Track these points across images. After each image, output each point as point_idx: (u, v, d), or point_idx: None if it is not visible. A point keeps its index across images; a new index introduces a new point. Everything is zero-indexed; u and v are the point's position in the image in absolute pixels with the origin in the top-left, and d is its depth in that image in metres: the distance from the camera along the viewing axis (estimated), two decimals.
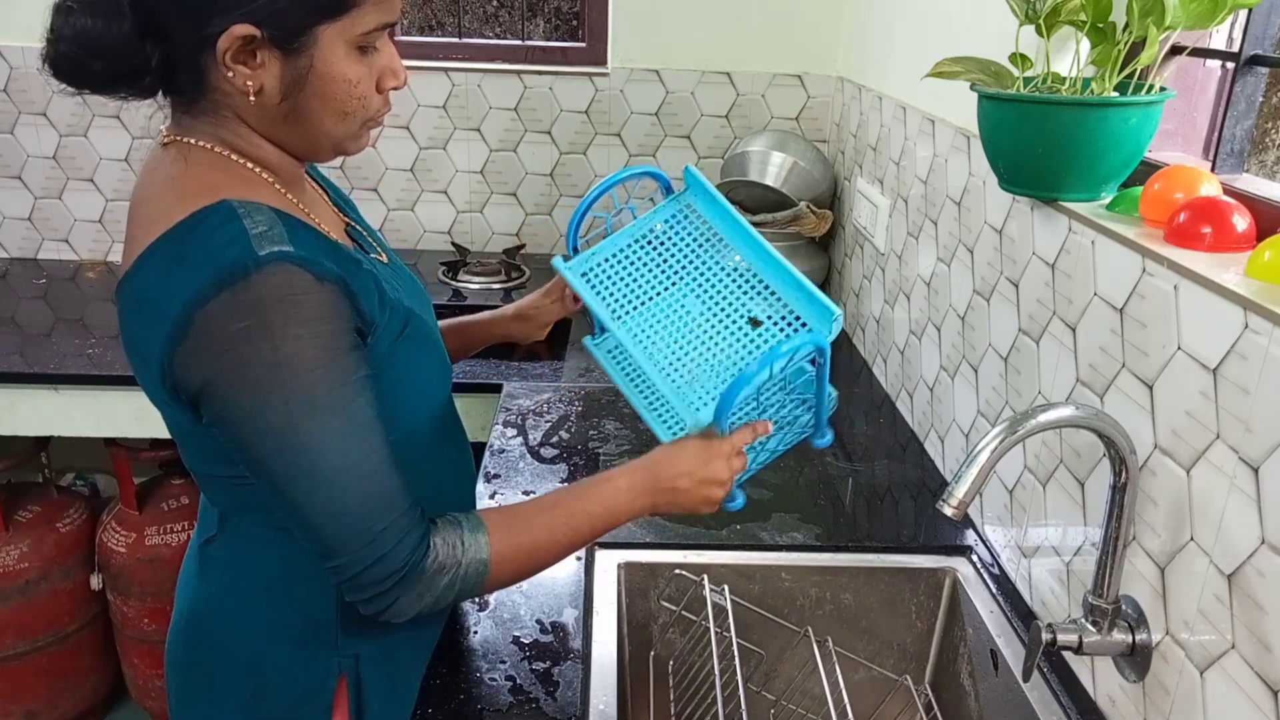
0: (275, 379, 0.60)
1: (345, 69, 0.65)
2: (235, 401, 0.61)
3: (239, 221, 0.61)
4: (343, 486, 0.63)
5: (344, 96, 0.66)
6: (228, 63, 0.62)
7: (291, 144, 0.69)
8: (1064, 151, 0.85)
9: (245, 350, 0.60)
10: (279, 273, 0.60)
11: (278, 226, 0.62)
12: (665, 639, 1.07)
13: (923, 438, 1.33)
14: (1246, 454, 0.65)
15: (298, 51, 0.63)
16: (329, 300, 0.62)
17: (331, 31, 0.63)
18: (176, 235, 0.62)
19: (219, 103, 0.66)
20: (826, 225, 1.81)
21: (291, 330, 0.60)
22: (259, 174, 0.69)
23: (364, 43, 0.66)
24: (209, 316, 0.59)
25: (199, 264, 0.60)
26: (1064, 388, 0.91)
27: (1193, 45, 0.90)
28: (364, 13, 0.64)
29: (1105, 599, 0.77)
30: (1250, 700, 0.64)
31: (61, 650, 1.79)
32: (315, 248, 0.64)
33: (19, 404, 1.56)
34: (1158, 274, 0.76)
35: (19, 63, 1.89)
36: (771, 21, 1.91)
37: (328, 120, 0.67)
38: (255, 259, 0.59)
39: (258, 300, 0.59)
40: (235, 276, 0.59)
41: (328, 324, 0.62)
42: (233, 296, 0.59)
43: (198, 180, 0.65)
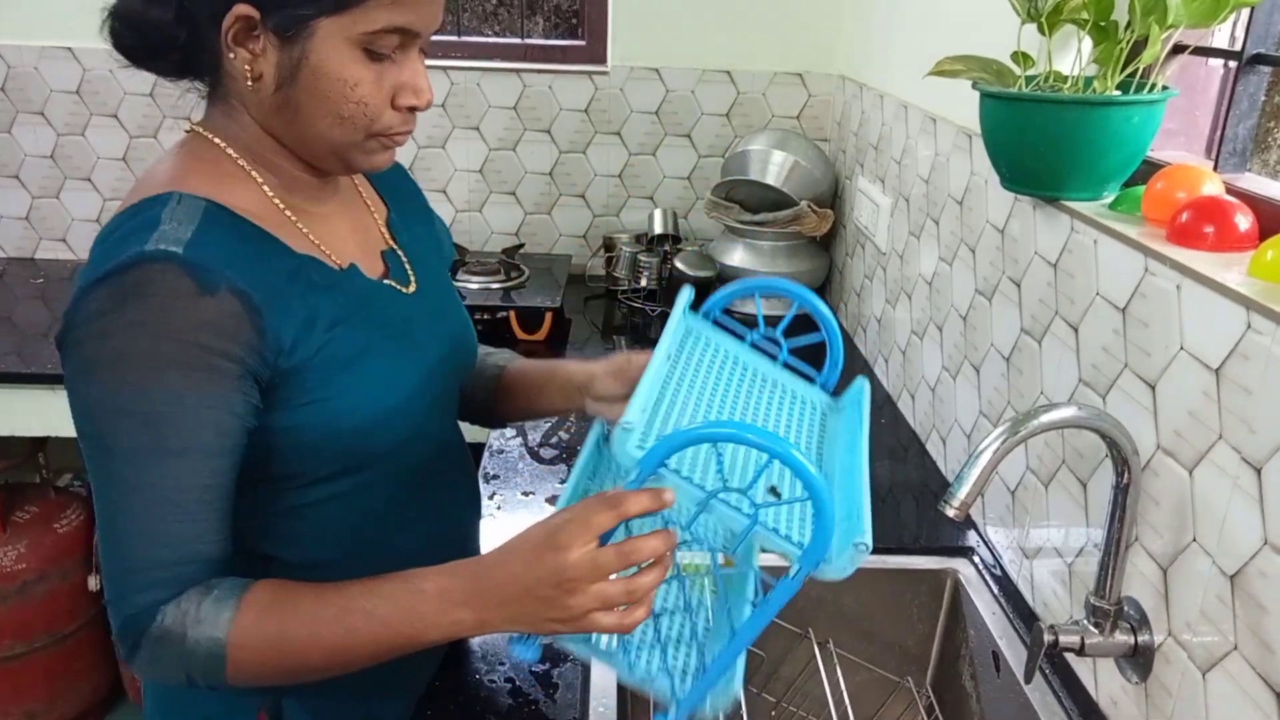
0: (99, 367, 0.58)
1: (342, 68, 0.62)
2: (70, 380, 0.59)
3: (159, 212, 0.60)
4: (121, 507, 0.59)
5: (338, 98, 0.63)
6: (229, 43, 0.62)
7: (290, 142, 0.67)
8: (1066, 150, 0.85)
9: (88, 333, 0.58)
10: (154, 271, 0.57)
11: (190, 226, 0.60)
12: None
13: (924, 438, 1.33)
14: (1249, 454, 0.64)
15: (294, 40, 0.61)
16: (207, 313, 0.58)
17: (330, 25, 0.61)
18: (113, 223, 0.62)
19: (230, 90, 0.66)
20: (827, 224, 1.81)
21: (136, 327, 0.57)
22: (248, 171, 0.67)
23: (372, 45, 0.62)
24: (81, 303, 0.58)
25: (103, 253, 0.60)
26: (1066, 388, 0.91)
27: (1195, 44, 0.89)
28: (370, 11, 0.61)
29: (1107, 600, 0.77)
30: (1252, 701, 0.63)
31: (60, 651, 1.79)
32: (228, 256, 0.60)
33: (16, 404, 1.56)
34: (1160, 274, 0.75)
35: (16, 62, 1.89)
36: (772, 20, 1.91)
37: (320, 121, 0.64)
38: (140, 254, 0.58)
39: (120, 292, 0.57)
40: (117, 269, 0.58)
41: (187, 335, 0.57)
42: (104, 287, 0.58)
43: (171, 170, 0.65)
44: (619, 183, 2.03)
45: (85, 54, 1.89)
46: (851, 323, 1.75)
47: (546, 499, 1.16)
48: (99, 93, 1.92)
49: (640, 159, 2.02)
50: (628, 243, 1.93)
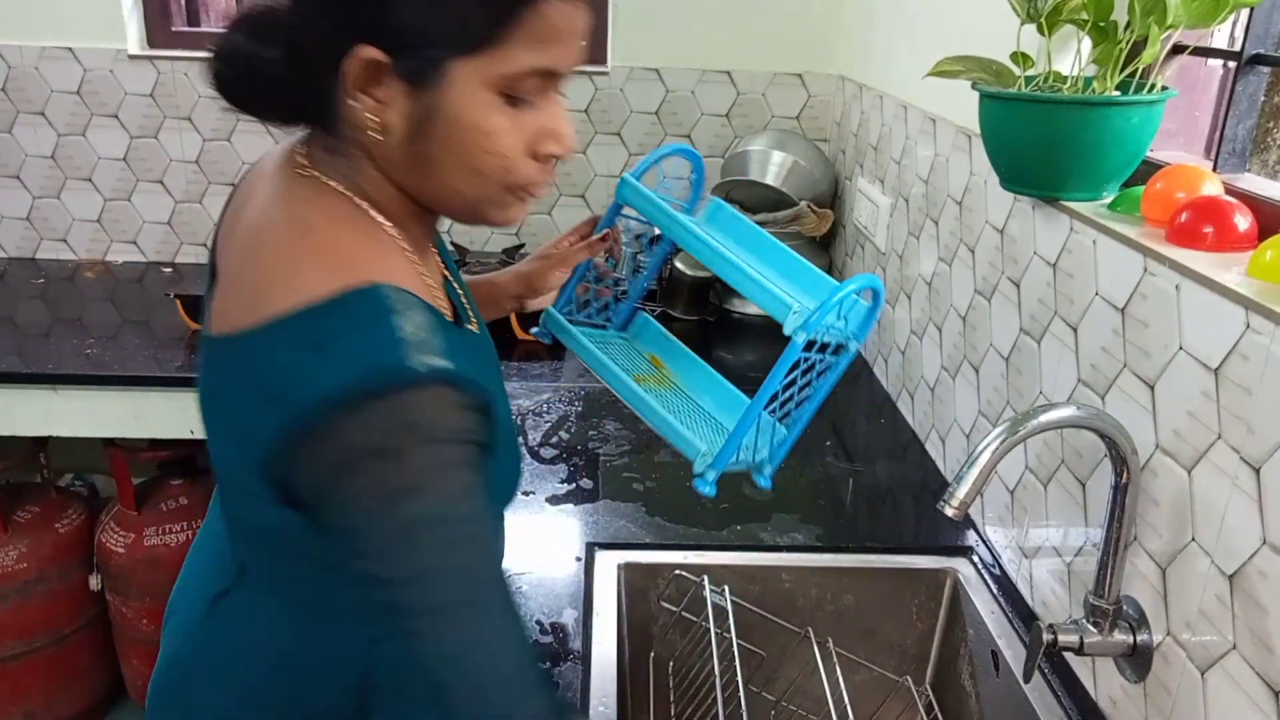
0: (412, 499, 0.53)
1: (480, 117, 0.56)
2: (365, 517, 0.54)
3: (391, 319, 0.54)
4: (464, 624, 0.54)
5: (475, 150, 0.57)
6: (351, 91, 0.55)
7: (422, 195, 0.61)
8: (1065, 151, 0.85)
9: (384, 467, 0.53)
10: (431, 393, 0.53)
11: (436, 336, 0.55)
12: (665, 640, 1.07)
13: (924, 438, 1.33)
14: (1248, 454, 0.64)
15: (425, 86, 0.55)
16: (469, 416, 0.56)
17: (466, 69, 0.54)
18: (317, 317, 0.54)
19: (352, 139, 0.59)
20: (827, 225, 1.81)
21: (438, 452, 0.54)
22: (393, 236, 0.61)
23: (512, 90, 0.56)
24: (346, 425, 0.52)
25: (342, 362, 0.53)
26: (1065, 388, 0.91)
27: (1194, 44, 0.89)
28: (510, 52, 0.54)
29: (1106, 599, 0.77)
30: (1251, 701, 0.63)
31: (60, 651, 1.79)
32: (460, 354, 0.56)
33: (17, 404, 1.56)
34: (1159, 274, 0.75)
35: (17, 62, 1.89)
36: (772, 20, 1.91)
37: (457, 175, 0.58)
38: (411, 375, 0.52)
39: (404, 422, 0.53)
40: (386, 389, 0.52)
41: (468, 447, 0.55)
42: (378, 411, 0.52)
43: (337, 242, 0.58)
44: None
45: (86, 54, 1.89)
46: None
47: (546, 499, 1.16)
48: (99, 93, 1.92)
49: (640, 159, 2.02)
50: (628, 243, 1.93)
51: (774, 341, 0.78)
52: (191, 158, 1.99)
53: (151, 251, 2.07)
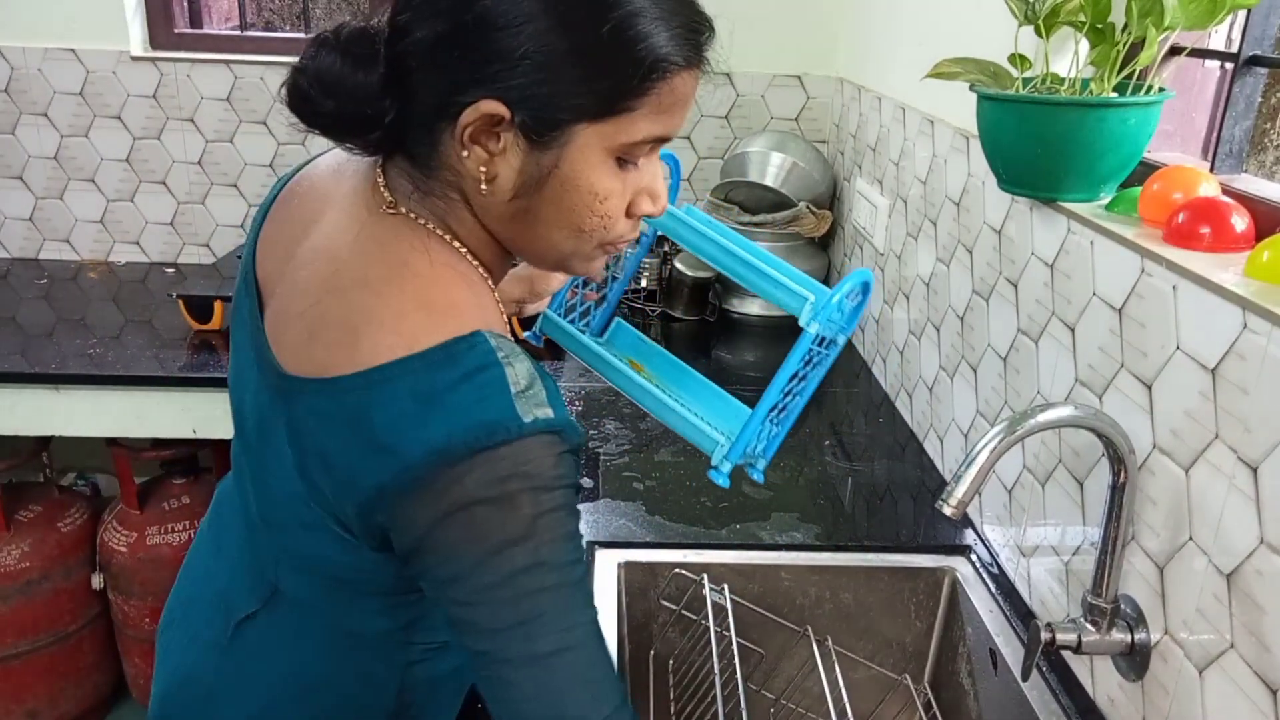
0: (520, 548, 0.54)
1: (595, 180, 0.56)
2: (458, 561, 0.54)
3: (499, 369, 0.54)
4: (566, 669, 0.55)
5: (584, 210, 0.57)
6: (465, 140, 0.55)
7: (514, 245, 0.61)
8: (1063, 152, 0.85)
9: (488, 516, 0.53)
10: (539, 445, 0.54)
11: (537, 383, 0.55)
12: (665, 638, 1.07)
13: (922, 437, 1.33)
14: (1245, 454, 0.65)
15: (546, 146, 0.55)
16: (571, 465, 0.57)
17: (591, 133, 0.54)
18: (425, 365, 0.53)
19: (449, 182, 0.58)
20: (826, 226, 1.81)
21: (542, 496, 0.54)
22: (486, 281, 0.61)
23: (628, 155, 0.57)
24: (455, 477, 0.52)
25: (452, 415, 0.52)
26: (1063, 388, 0.92)
27: (1191, 46, 0.90)
28: (635, 121, 0.55)
29: (1104, 598, 0.78)
30: (1249, 700, 0.64)
31: (63, 650, 1.79)
32: (558, 402, 0.57)
33: (20, 404, 1.57)
34: (1156, 274, 0.76)
35: (20, 63, 1.90)
36: (771, 22, 1.91)
37: (559, 232, 0.58)
38: (520, 426, 0.53)
39: (513, 472, 0.53)
40: (495, 441, 0.52)
41: (570, 494, 0.57)
42: (488, 462, 0.52)
43: (438, 286, 0.57)
44: None
45: (88, 55, 1.90)
46: None
47: None
48: (102, 94, 1.93)
49: None
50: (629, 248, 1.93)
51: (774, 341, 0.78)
52: (194, 159, 2.00)
53: (154, 252, 2.07)
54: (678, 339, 1.77)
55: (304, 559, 0.65)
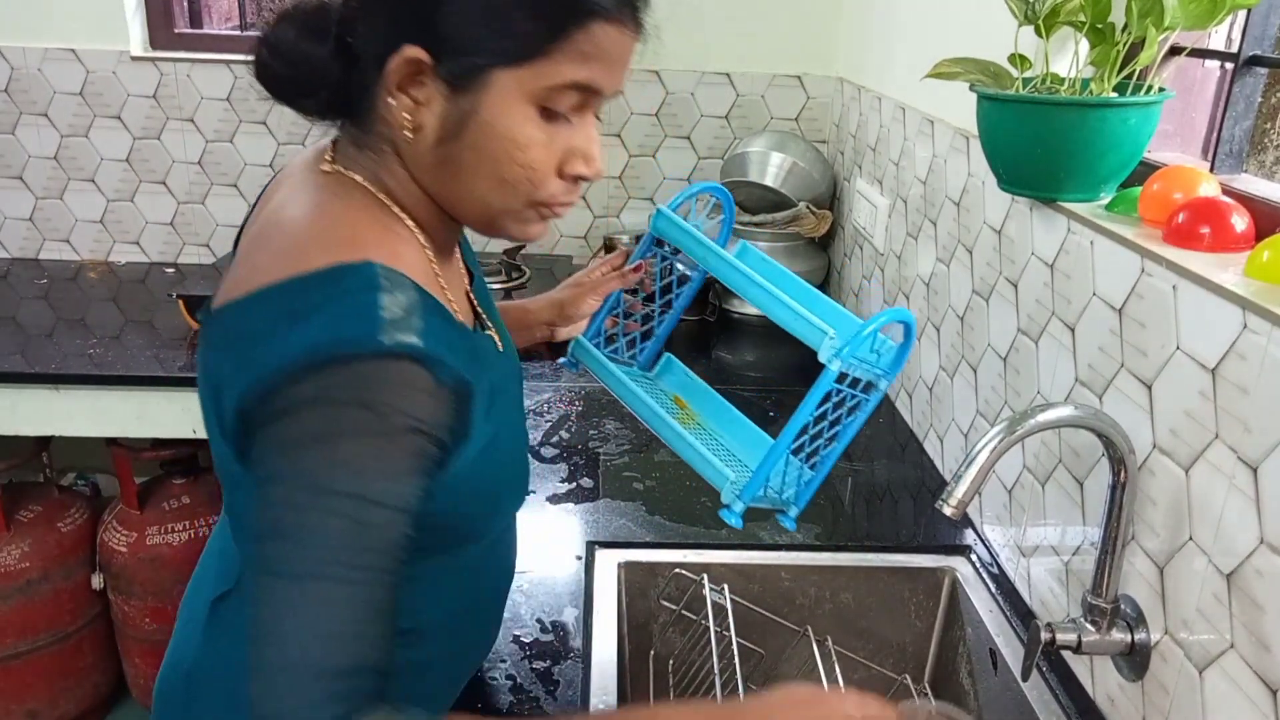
0: (315, 442, 0.51)
1: (514, 126, 0.56)
2: (269, 460, 0.53)
3: (376, 294, 0.53)
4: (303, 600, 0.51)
5: (504, 159, 0.57)
6: (392, 89, 0.56)
7: (443, 200, 0.61)
8: (1063, 152, 0.85)
9: (311, 415, 0.52)
10: (393, 369, 0.52)
11: (415, 314, 0.54)
12: (665, 638, 1.07)
13: (922, 437, 1.33)
14: (1245, 454, 0.65)
15: (465, 91, 0.55)
16: (437, 406, 0.55)
17: (508, 78, 0.55)
18: (305, 287, 0.54)
19: (383, 135, 0.60)
20: (826, 226, 1.81)
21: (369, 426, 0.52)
22: (413, 231, 0.61)
23: (549, 103, 0.56)
24: (299, 381, 0.52)
25: (315, 328, 0.52)
26: (1063, 388, 0.92)
27: (1191, 46, 0.90)
28: (554, 65, 0.55)
29: (1104, 598, 0.78)
30: (1249, 700, 0.64)
31: (63, 650, 1.79)
32: (445, 342, 0.56)
33: (20, 404, 1.57)
34: (1156, 274, 0.76)
35: (20, 63, 1.90)
36: (771, 22, 1.91)
37: (483, 183, 0.58)
38: (375, 344, 0.52)
39: (353, 385, 0.52)
40: (345, 353, 0.51)
41: (417, 437, 0.54)
42: (332, 373, 0.51)
43: (349, 227, 0.58)
44: (619, 184, 2.04)
45: (89, 55, 1.90)
46: None
47: (547, 498, 1.17)
48: (102, 94, 1.93)
49: (640, 160, 2.02)
50: (628, 243, 1.93)
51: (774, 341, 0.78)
52: (194, 159, 2.00)
53: (154, 252, 2.07)
54: (678, 339, 1.77)
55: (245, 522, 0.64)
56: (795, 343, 0.78)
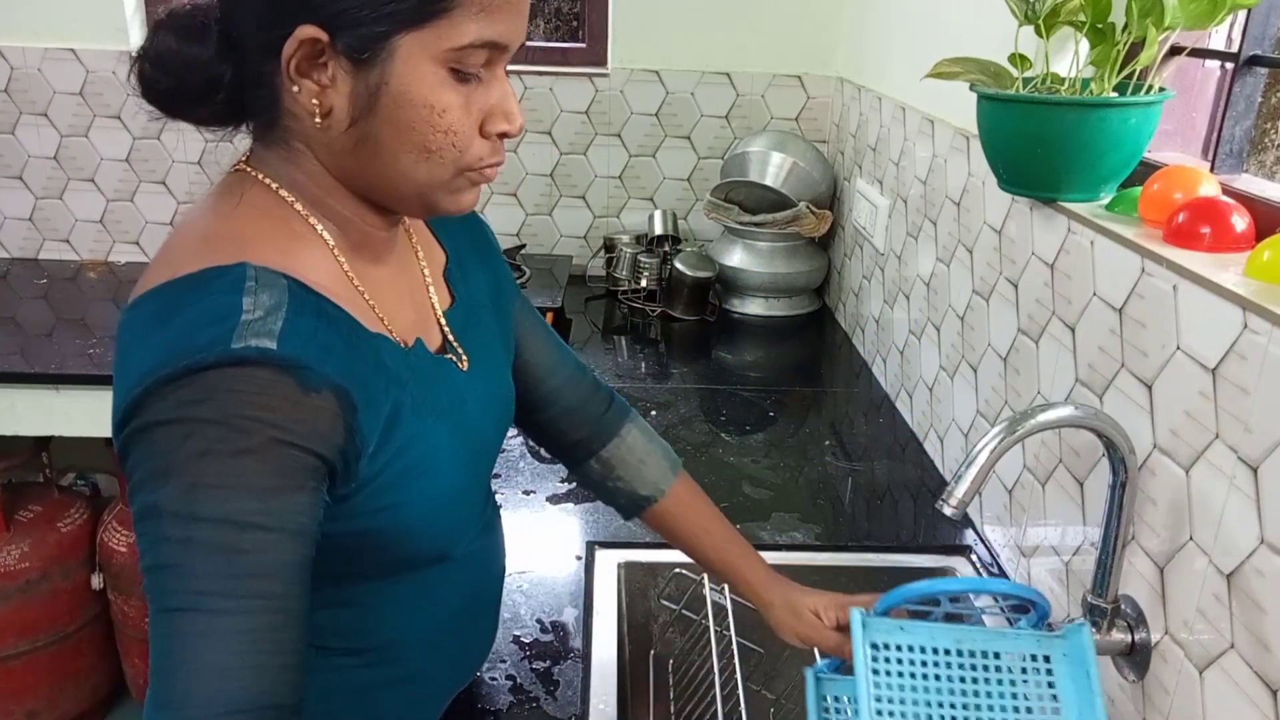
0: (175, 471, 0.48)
1: (428, 92, 0.53)
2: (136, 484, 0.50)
3: (239, 296, 0.51)
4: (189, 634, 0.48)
5: (424, 127, 0.54)
6: (292, 74, 0.53)
7: (368, 185, 0.58)
8: (1063, 152, 0.85)
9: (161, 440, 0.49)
10: (244, 375, 0.49)
11: (279, 314, 0.51)
12: (665, 638, 1.07)
13: (922, 438, 1.33)
14: (1245, 454, 0.65)
15: (370, 63, 0.52)
16: (305, 412, 0.51)
17: (412, 43, 0.52)
18: (176, 290, 0.52)
19: (290, 130, 0.57)
20: (826, 225, 1.81)
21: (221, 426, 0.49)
22: (317, 231, 0.58)
23: (459, 64, 0.54)
24: (153, 398, 0.49)
25: (173, 335, 0.50)
26: (1063, 388, 0.92)
27: (1192, 45, 0.90)
28: (456, 23, 0.52)
29: (1104, 598, 0.78)
30: (1249, 700, 0.64)
31: (62, 650, 1.79)
32: (323, 345, 0.53)
33: (20, 404, 1.57)
34: (1157, 274, 0.76)
35: (20, 63, 1.90)
36: (771, 22, 1.92)
37: (405, 156, 0.55)
38: (224, 351, 0.49)
39: (204, 389, 0.48)
40: (197, 364, 0.48)
41: (280, 435, 0.50)
42: (185, 386, 0.49)
43: (237, 227, 0.56)
44: (619, 184, 2.04)
45: (88, 55, 1.90)
46: (850, 323, 1.75)
47: (547, 498, 1.17)
48: (102, 94, 1.93)
49: (640, 160, 2.02)
50: (628, 243, 1.93)
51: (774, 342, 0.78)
52: (194, 159, 2.00)
53: (154, 252, 2.07)
54: (678, 339, 1.77)
55: None
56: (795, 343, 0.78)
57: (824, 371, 1.67)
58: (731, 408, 1.46)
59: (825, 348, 1.76)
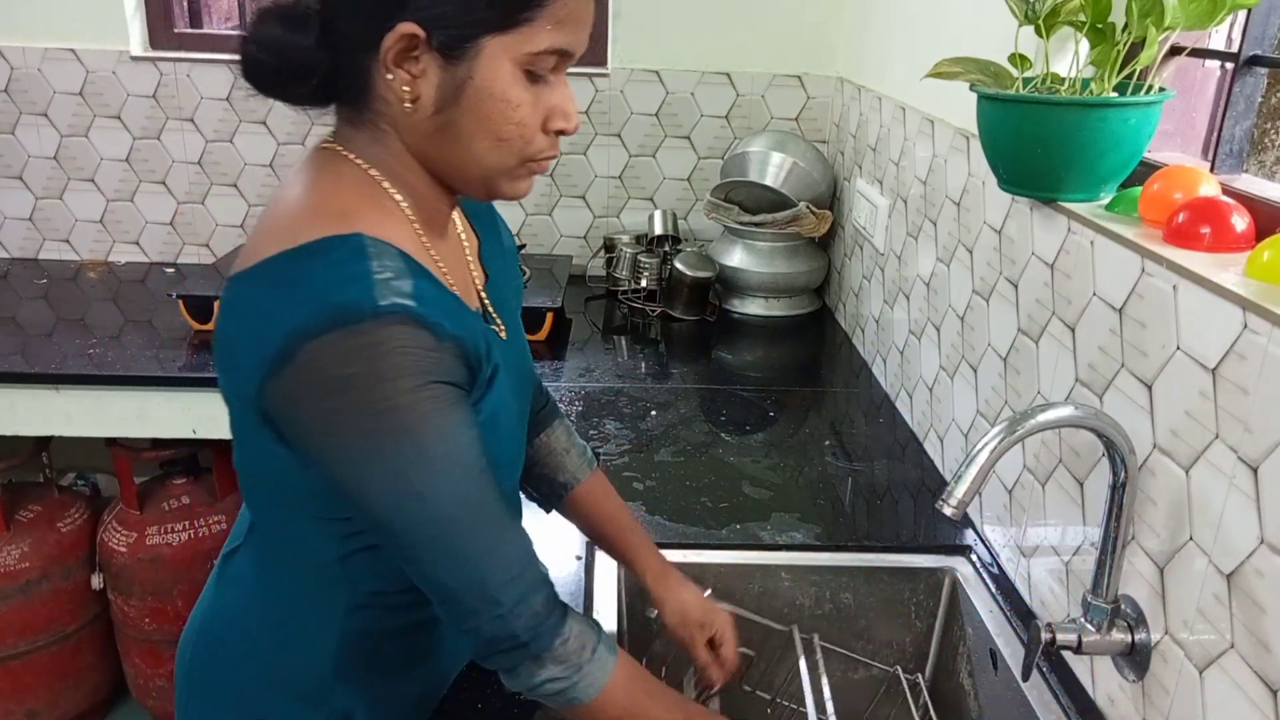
0: (387, 428, 0.57)
1: (507, 89, 0.61)
2: (343, 446, 0.58)
3: (366, 261, 0.58)
4: (462, 536, 0.61)
5: (500, 119, 0.62)
6: (389, 64, 0.60)
7: (442, 166, 0.66)
8: (1063, 152, 0.85)
9: (355, 397, 0.57)
10: (396, 325, 0.57)
11: (405, 277, 0.59)
12: (664, 638, 1.07)
13: (922, 438, 1.33)
14: (1245, 454, 0.65)
15: (459, 59, 0.60)
16: (443, 359, 0.60)
17: (497, 45, 0.60)
18: (298, 257, 0.59)
19: (379, 113, 0.64)
20: (826, 226, 1.81)
21: (404, 382, 0.57)
22: (402, 207, 0.66)
23: (533, 66, 0.62)
24: (315, 354, 0.56)
25: (312, 295, 0.57)
26: (1063, 388, 0.92)
27: (1192, 45, 0.90)
28: (536, 32, 0.60)
29: (1104, 598, 0.78)
30: (1249, 700, 0.64)
31: (62, 650, 1.79)
32: (437, 304, 0.61)
33: (20, 404, 1.57)
34: (1157, 274, 0.76)
35: (20, 63, 1.90)
36: (771, 22, 1.92)
37: (480, 143, 0.63)
38: (374, 306, 0.57)
39: (370, 348, 0.56)
40: (349, 319, 0.56)
41: (439, 381, 0.59)
42: (343, 339, 0.56)
43: (338, 200, 0.63)
44: (619, 184, 2.04)
45: (88, 55, 1.90)
46: (850, 323, 1.75)
47: None
48: (102, 94, 1.93)
49: (640, 160, 2.02)
50: (628, 243, 1.93)
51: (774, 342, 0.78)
52: (194, 159, 2.00)
53: (154, 252, 2.07)
54: (678, 339, 1.77)
55: (255, 480, 0.70)
56: (795, 343, 0.78)
57: (824, 371, 1.67)
58: (731, 408, 1.46)
59: (825, 348, 1.76)
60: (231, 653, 0.74)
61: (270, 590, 0.73)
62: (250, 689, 0.74)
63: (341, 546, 0.69)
